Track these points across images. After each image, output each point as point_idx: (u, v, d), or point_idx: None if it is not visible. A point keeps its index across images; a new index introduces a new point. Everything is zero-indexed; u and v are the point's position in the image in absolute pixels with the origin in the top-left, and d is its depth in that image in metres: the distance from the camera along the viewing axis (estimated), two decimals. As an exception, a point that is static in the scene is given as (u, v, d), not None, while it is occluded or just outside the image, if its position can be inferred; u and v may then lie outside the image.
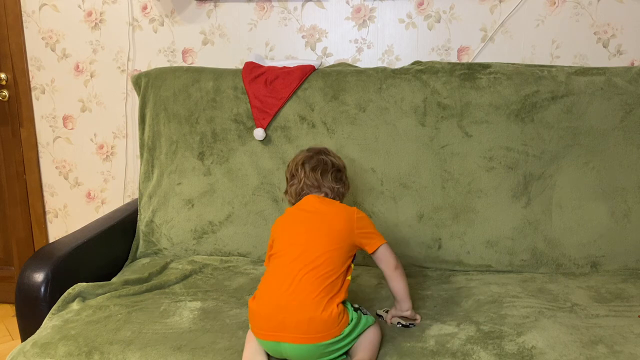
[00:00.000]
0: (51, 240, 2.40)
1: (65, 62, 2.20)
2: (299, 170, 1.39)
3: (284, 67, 1.84)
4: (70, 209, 2.35)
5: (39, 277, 1.42)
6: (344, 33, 2.03)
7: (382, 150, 1.75)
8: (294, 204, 1.37)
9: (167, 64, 2.14)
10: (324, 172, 1.37)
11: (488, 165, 1.71)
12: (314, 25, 2.04)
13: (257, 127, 1.78)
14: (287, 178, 1.44)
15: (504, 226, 1.69)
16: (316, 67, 1.82)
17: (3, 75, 2.23)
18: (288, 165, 1.44)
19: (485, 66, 1.75)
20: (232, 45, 2.09)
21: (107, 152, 2.26)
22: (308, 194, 1.36)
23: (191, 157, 1.84)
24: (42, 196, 2.36)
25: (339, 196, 1.39)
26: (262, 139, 1.78)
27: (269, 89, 1.79)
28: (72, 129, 2.27)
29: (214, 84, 1.83)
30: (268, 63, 1.90)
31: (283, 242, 1.25)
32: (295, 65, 1.83)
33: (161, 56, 2.14)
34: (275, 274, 1.20)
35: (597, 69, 1.72)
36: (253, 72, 1.82)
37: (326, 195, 1.36)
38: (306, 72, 1.80)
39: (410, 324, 1.30)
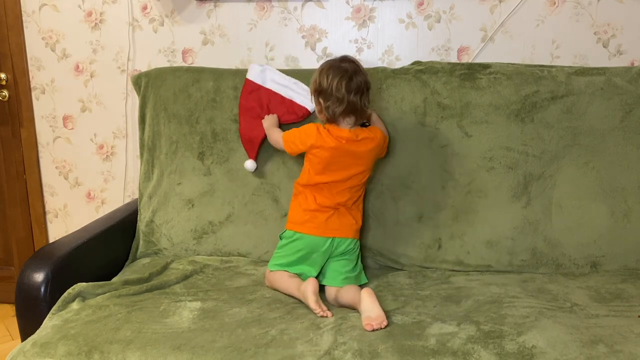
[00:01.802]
0: (51, 240, 2.40)
1: (65, 62, 2.20)
2: (339, 93, 1.48)
3: (279, 96, 1.78)
4: (70, 209, 2.35)
5: (39, 277, 1.41)
6: (344, 33, 2.03)
7: (382, 150, 1.75)
8: (328, 122, 1.55)
9: (167, 64, 2.14)
10: (362, 96, 1.51)
11: (488, 165, 1.71)
12: (314, 25, 2.04)
13: (249, 158, 1.79)
14: (318, 93, 1.52)
15: (504, 226, 1.69)
16: (311, 112, 1.75)
17: (3, 75, 2.23)
18: (318, 81, 1.51)
19: (485, 66, 1.75)
20: (232, 45, 2.09)
21: (107, 152, 2.26)
22: (342, 118, 1.52)
23: (191, 157, 1.84)
24: (42, 196, 2.36)
25: (366, 115, 1.59)
26: (253, 170, 1.79)
27: (257, 121, 1.77)
28: (72, 129, 2.27)
29: (214, 84, 1.83)
30: (269, 75, 1.80)
31: (331, 172, 1.53)
32: (294, 86, 1.78)
33: (161, 56, 2.14)
34: (323, 194, 1.55)
35: (597, 69, 1.73)
36: (249, 99, 1.78)
37: (357, 119, 1.53)
38: (299, 117, 1.76)
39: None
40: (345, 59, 1.53)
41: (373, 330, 1.28)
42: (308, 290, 1.40)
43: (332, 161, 1.52)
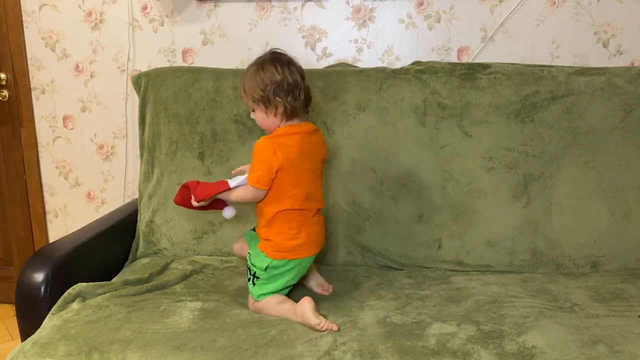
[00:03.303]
0: (51, 240, 2.40)
1: (65, 62, 2.20)
2: (295, 78, 1.34)
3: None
4: (70, 209, 2.35)
5: (39, 277, 1.41)
6: (344, 33, 2.03)
7: (382, 150, 1.74)
8: (285, 121, 1.36)
9: (167, 64, 2.14)
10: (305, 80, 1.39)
11: (488, 165, 1.71)
12: (314, 25, 2.04)
13: (222, 208, 1.51)
14: (273, 89, 1.32)
15: (504, 226, 1.69)
16: (230, 188, 1.42)
17: (3, 75, 2.24)
18: (267, 78, 1.32)
19: (485, 66, 1.75)
20: (232, 45, 2.09)
21: (107, 152, 2.26)
22: (302, 109, 1.37)
23: (191, 157, 1.84)
24: (42, 196, 2.36)
25: None
26: (234, 214, 1.51)
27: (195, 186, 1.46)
28: (72, 129, 2.27)
29: (214, 84, 1.83)
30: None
31: (302, 178, 1.38)
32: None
33: (161, 56, 2.14)
34: (305, 207, 1.39)
35: (597, 69, 1.72)
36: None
37: (309, 107, 1.40)
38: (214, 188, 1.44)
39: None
40: (274, 52, 1.39)
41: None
42: (307, 310, 1.31)
43: (302, 165, 1.36)
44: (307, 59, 2.07)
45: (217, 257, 1.78)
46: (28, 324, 1.41)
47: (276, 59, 1.36)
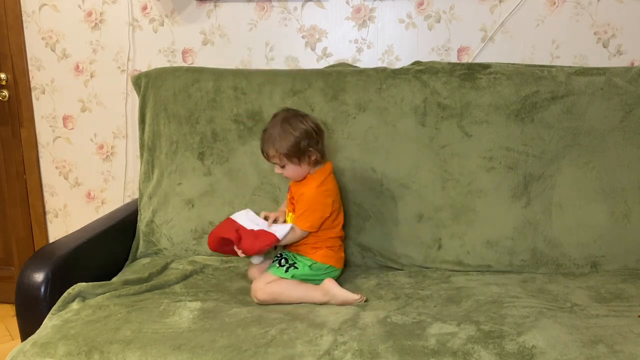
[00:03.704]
0: (51, 240, 2.40)
1: (65, 62, 2.20)
2: (317, 125, 1.48)
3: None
4: (70, 209, 2.35)
5: (39, 277, 1.41)
6: (344, 33, 2.03)
7: (382, 150, 1.75)
8: (316, 165, 1.50)
9: (167, 64, 2.14)
10: None
11: (488, 165, 1.71)
12: (314, 25, 2.04)
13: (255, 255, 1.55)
14: (307, 141, 1.43)
15: (504, 226, 1.69)
16: (279, 239, 1.46)
17: (3, 75, 2.24)
18: (298, 133, 1.42)
19: (485, 66, 1.75)
20: (232, 45, 2.10)
21: (107, 152, 2.26)
22: (325, 154, 1.52)
23: (191, 157, 1.84)
24: (42, 196, 2.36)
25: None
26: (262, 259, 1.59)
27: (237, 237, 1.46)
28: (72, 129, 2.27)
29: (214, 84, 1.83)
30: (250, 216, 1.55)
31: (340, 210, 1.57)
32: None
33: (161, 56, 2.14)
34: (343, 233, 1.59)
35: (597, 69, 1.72)
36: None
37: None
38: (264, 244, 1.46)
39: None
40: (286, 109, 1.51)
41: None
42: (336, 288, 1.45)
43: (339, 200, 1.56)
44: (307, 59, 2.07)
45: (217, 258, 1.78)
46: (28, 324, 1.41)
47: (295, 113, 1.47)
